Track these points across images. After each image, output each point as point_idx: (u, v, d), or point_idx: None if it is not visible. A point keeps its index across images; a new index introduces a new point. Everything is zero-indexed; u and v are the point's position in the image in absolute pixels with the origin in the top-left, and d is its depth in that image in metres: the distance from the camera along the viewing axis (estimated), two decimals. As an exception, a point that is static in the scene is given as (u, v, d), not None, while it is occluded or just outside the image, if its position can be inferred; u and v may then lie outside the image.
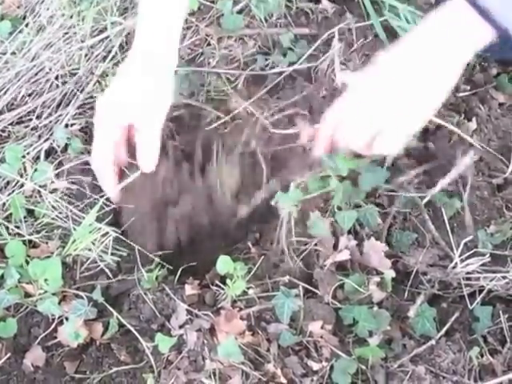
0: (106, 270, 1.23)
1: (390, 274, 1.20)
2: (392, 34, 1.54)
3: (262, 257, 1.26)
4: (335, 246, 1.24)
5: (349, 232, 1.26)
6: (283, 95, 1.47)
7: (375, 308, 1.19)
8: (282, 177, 1.30)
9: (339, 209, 1.27)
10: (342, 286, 1.21)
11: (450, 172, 1.28)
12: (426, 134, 1.40)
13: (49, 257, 1.21)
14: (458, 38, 1.09)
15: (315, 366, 1.14)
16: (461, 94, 1.49)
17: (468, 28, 1.08)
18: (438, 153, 1.38)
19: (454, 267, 1.22)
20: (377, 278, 1.20)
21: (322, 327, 1.16)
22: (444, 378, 1.13)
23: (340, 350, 1.16)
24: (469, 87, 1.51)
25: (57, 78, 1.43)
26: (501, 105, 1.51)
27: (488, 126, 1.45)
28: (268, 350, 1.15)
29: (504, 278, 1.22)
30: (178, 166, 1.29)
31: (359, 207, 1.28)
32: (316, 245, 1.24)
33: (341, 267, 1.23)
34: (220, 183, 1.29)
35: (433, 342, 1.17)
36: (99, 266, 1.23)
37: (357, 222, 1.27)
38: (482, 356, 1.16)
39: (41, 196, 1.29)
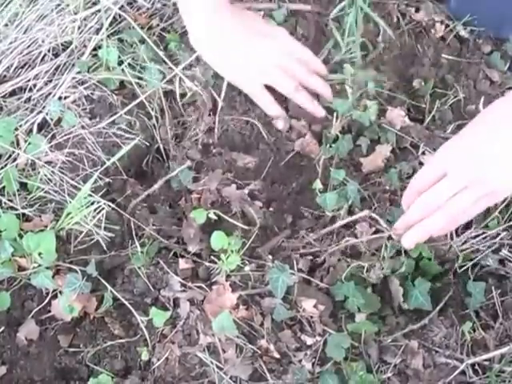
0: (100, 244, 1.22)
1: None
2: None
3: (256, 231, 1.27)
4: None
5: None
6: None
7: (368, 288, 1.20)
8: None
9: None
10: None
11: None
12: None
13: (42, 230, 1.20)
14: None
15: (309, 341, 1.14)
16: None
17: None
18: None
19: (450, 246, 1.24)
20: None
21: (314, 306, 1.17)
22: (437, 352, 1.14)
23: (333, 325, 1.16)
24: (460, 64, 1.52)
25: (49, 50, 1.41)
26: (492, 82, 1.51)
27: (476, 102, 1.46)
28: (262, 325, 1.15)
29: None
30: None
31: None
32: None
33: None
34: None
35: (425, 317, 1.18)
36: (93, 239, 1.22)
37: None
38: (474, 331, 1.17)
39: (34, 169, 1.28)
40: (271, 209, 1.34)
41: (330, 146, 1.35)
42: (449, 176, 1.12)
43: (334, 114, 1.35)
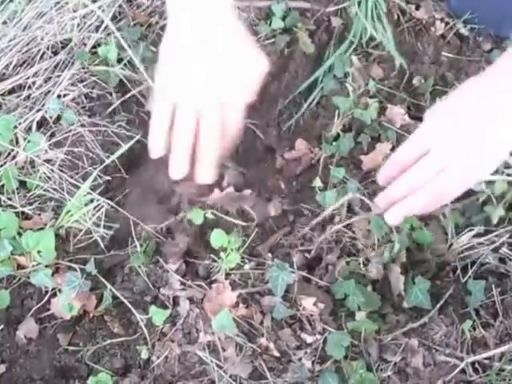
0: (100, 242, 1.22)
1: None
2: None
3: (256, 229, 1.26)
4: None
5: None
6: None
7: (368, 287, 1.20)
8: None
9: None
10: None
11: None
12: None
13: (42, 228, 1.20)
14: None
15: (309, 339, 1.14)
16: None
17: None
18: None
19: (450, 244, 1.23)
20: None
21: (314, 304, 1.17)
22: (437, 350, 1.14)
23: (333, 323, 1.16)
24: (460, 62, 1.52)
25: (49, 47, 1.41)
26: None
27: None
28: (261, 323, 1.15)
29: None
30: None
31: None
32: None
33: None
34: None
35: (425, 315, 1.18)
36: (92, 237, 1.22)
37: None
38: (474, 329, 1.16)
39: (33, 167, 1.28)
40: (271, 207, 1.34)
41: (331, 144, 1.35)
42: (432, 154, 1.12)
43: (336, 112, 1.35)
